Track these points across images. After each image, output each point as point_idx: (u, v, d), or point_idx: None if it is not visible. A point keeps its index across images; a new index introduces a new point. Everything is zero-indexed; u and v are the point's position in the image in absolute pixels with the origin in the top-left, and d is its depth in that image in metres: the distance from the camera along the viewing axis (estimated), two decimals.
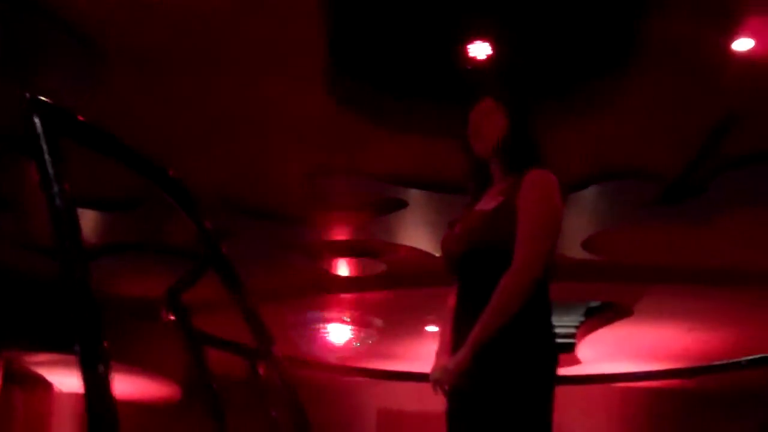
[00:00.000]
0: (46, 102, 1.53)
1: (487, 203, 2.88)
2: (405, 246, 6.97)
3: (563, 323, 9.76)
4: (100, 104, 4.67)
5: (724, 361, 4.32)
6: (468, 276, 2.85)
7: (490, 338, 2.63)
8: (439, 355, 2.89)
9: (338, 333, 8.08)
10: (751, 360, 3.77)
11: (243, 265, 2.75)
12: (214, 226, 2.41)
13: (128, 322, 8.09)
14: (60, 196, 1.46)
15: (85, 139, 1.67)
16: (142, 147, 1.88)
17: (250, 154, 5.73)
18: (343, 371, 6.65)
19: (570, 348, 9.92)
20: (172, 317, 2.33)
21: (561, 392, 2.69)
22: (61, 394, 9.28)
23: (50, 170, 1.47)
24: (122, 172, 4.95)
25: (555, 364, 2.73)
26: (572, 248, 6.89)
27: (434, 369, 2.80)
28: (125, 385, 9.31)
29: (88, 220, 6.41)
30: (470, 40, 4.66)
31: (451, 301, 2.95)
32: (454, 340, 2.82)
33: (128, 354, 8.22)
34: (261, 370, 3.58)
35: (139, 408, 10.43)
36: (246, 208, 6.43)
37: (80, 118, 1.60)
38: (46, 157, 1.48)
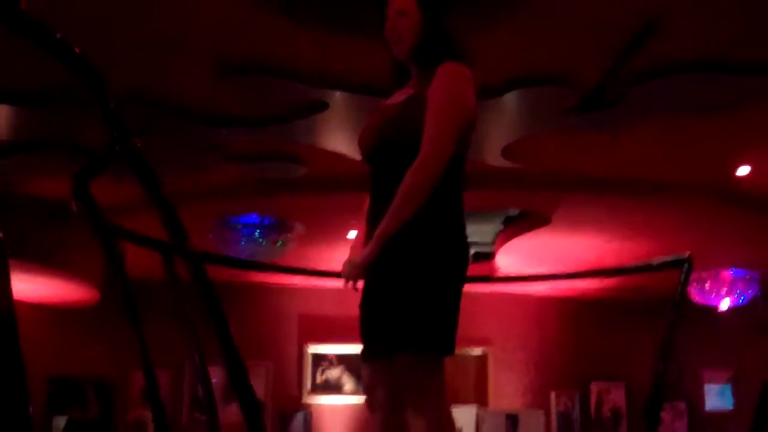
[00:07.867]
0: None
1: (398, 97, 2.86)
2: (326, 150, 6.92)
3: (482, 231, 9.87)
4: None
5: (638, 264, 4.42)
6: (380, 171, 2.85)
7: (398, 231, 2.63)
8: (353, 249, 2.91)
9: (260, 237, 8.05)
10: (662, 262, 3.85)
11: (158, 166, 2.68)
12: (127, 123, 2.32)
13: (46, 223, 7.96)
14: None
15: None
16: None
17: (161, 47, 5.45)
18: (261, 268, 6.65)
19: (489, 256, 10.05)
20: (81, 206, 2.27)
21: (478, 300, 2.72)
22: None
23: None
24: (33, 64, 4.75)
25: (464, 261, 2.75)
26: (492, 156, 6.92)
27: (345, 264, 2.81)
28: (43, 288, 9.22)
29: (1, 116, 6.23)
30: None
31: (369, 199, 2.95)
32: (366, 234, 2.82)
33: (46, 256, 8.11)
34: (177, 267, 3.53)
35: (57, 311, 10.34)
36: (159, 105, 6.20)
37: None
38: None
